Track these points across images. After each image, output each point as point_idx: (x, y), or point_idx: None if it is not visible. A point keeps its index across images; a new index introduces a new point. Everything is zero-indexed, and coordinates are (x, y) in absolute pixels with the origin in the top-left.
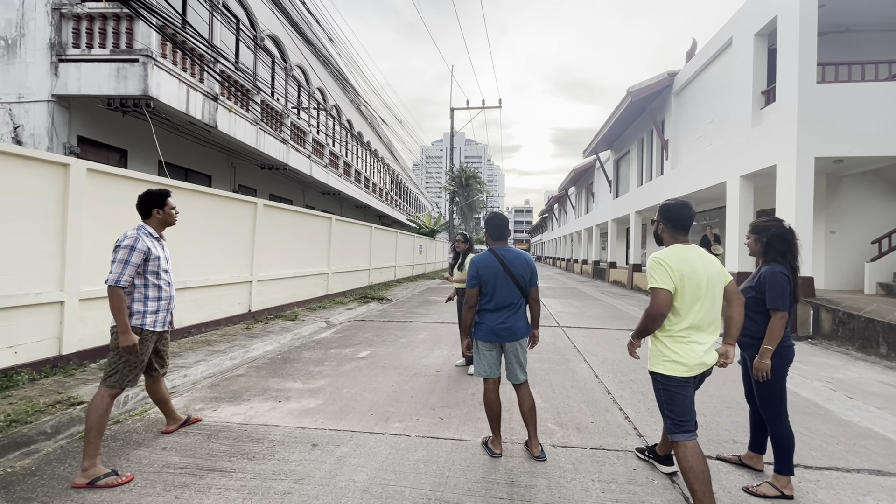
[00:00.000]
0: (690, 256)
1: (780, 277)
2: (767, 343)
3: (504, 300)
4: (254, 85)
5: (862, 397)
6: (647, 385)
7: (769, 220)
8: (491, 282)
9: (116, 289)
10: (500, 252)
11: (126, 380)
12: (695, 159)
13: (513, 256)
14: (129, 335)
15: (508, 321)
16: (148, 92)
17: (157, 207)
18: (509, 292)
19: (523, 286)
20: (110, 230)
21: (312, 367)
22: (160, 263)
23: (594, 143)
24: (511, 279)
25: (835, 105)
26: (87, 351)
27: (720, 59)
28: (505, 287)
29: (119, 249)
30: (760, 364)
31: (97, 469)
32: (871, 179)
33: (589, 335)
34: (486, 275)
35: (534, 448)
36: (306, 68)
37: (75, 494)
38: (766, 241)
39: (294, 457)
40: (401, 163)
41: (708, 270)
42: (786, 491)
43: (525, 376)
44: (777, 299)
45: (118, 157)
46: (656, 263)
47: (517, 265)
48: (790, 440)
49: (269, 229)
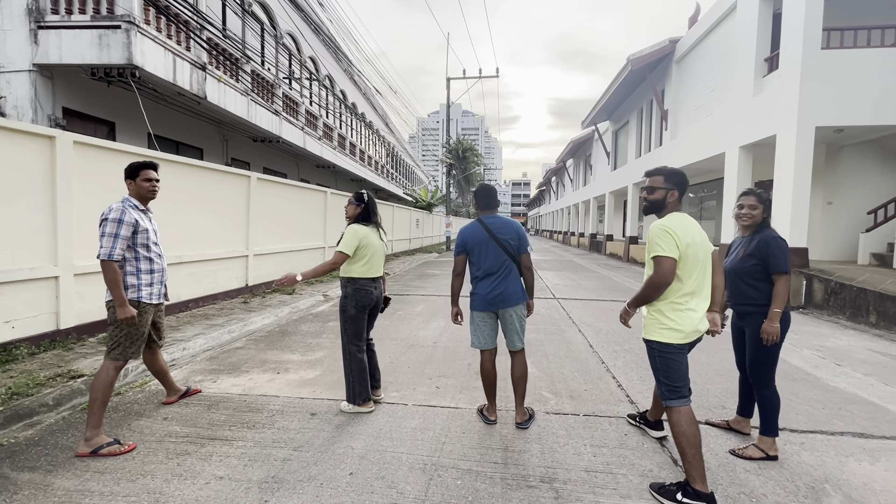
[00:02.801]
0: (691, 225)
1: (780, 242)
2: (776, 306)
3: (492, 266)
4: (243, 53)
5: (850, 364)
6: (639, 354)
7: (759, 188)
8: (476, 249)
9: (110, 262)
10: (486, 220)
11: (129, 352)
12: (694, 130)
13: (499, 223)
14: (127, 308)
15: (499, 287)
16: (132, 60)
17: (130, 179)
18: (496, 258)
19: (512, 252)
20: (101, 205)
21: (311, 340)
22: (149, 236)
23: (593, 114)
24: (498, 245)
25: (838, 72)
26: (86, 325)
27: (723, 24)
28: (492, 253)
29: (107, 223)
30: (770, 328)
31: (100, 438)
32: (870, 149)
33: (584, 306)
34: (471, 242)
35: (517, 415)
36: (297, 36)
37: (79, 463)
38: (764, 209)
39: (293, 425)
40: (396, 135)
41: (703, 238)
42: (770, 452)
43: (521, 344)
44: (784, 263)
45: (106, 129)
46: (663, 231)
47: (503, 231)
48: (776, 403)
49: (264, 203)
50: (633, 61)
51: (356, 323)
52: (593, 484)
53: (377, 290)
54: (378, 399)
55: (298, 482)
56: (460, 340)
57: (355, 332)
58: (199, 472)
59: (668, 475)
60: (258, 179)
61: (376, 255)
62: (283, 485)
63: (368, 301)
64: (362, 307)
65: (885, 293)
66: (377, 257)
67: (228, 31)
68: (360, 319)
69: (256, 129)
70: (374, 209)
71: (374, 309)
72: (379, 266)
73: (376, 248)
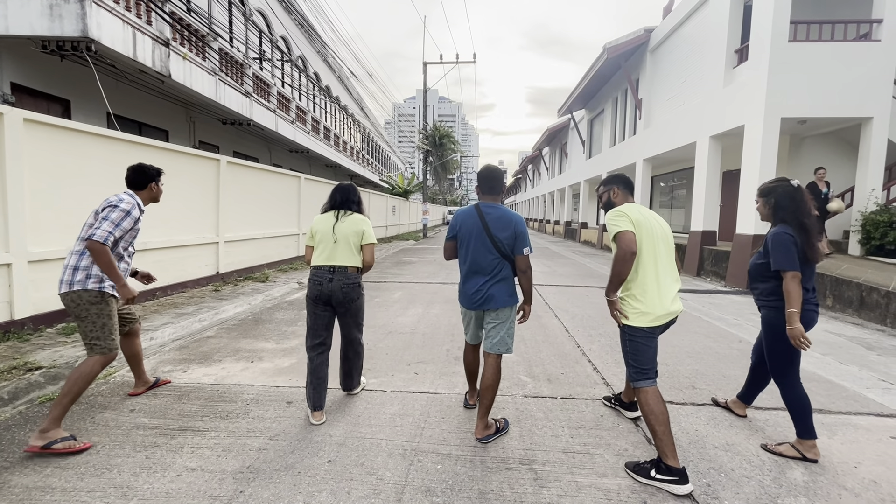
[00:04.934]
0: (642, 209)
1: (782, 237)
2: (790, 307)
3: (478, 263)
4: (210, 30)
5: None
6: (613, 338)
7: (775, 180)
8: (466, 240)
9: (105, 246)
10: (483, 208)
11: (111, 343)
12: (667, 119)
13: (497, 216)
14: (128, 287)
15: (483, 287)
16: (87, 33)
17: (154, 182)
18: (485, 255)
19: (504, 250)
20: (58, 188)
21: (285, 328)
22: (136, 237)
23: (569, 102)
24: (490, 240)
25: (804, 64)
26: (43, 315)
27: (696, 15)
28: (481, 248)
29: (115, 209)
30: (791, 331)
31: (57, 432)
32: (831, 140)
33: (560, 292)
34: (463, 230)
35: (477, 428)
36: (268, 14)
37: (39, 458)
38: (775, 203)
39: (269, 414)
40: (372, 120)
41: (658, 221)
42: (808, 454)
43: (499, 350)
44: (781, 260)
45: (60, 108)
46: (615, 213)
47: (499, 225)
48: (801, 404)
49: (235, 188)
50: (609, 49)
51: (308, 316)
52: (571, 464)
53: (331, 282)
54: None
55: (275, 471)
56: (438, 326)
57: (308, 327)
58: (169, 465)
59: (642, 453)
60: (228, 163)
61: (325, 242)
62: (259, 475)
63: (313, 293)
64: (309, 299)
65: (840, 278)
66: (326, 244)
67: (193, 5)
68: (310, 313)
69: (225, 110)
70: (332, 196)
71: (331, 303)
72: (330, 254)
73: (324, 234)
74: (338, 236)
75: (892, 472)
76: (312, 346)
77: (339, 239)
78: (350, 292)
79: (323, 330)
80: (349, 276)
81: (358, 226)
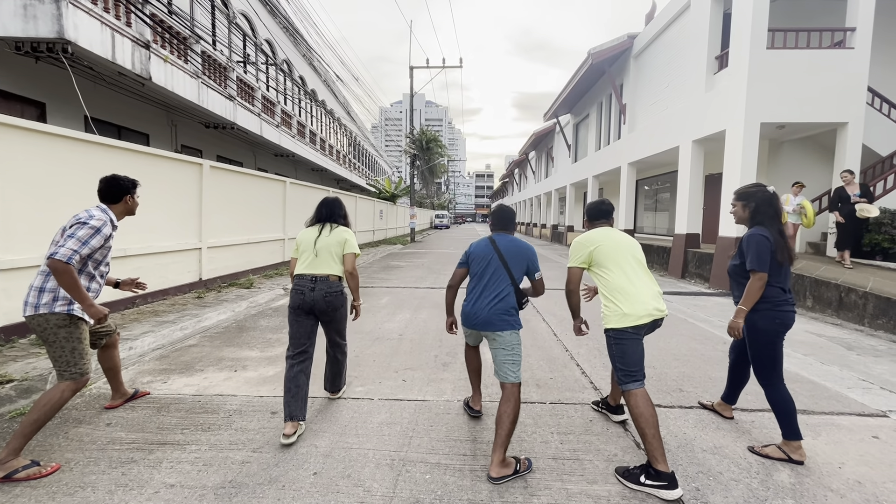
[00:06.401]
0: (604, 230)
1: (758, 239)
2: (743, 304)
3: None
4: (192, 32)
5: (790, 345)
6: (601, 342)
7: (753, 185)
8: (477, 261)
9: (68, 266)
10: (497, 238)
11: (84, 367)
12: (651, 124)
13: (509, 245)
14: (95, 308)
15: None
16: (63, 34)
17: (129, 195)
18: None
19: (513, 277)
20: (31, 194)
21: (270, 335)
22: (107, 255)
23: (555, 107)
24: (501, 264)
25: (782, 71)
26: (16, 326)
27: (678, 22)
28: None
29: (83, 227)
30: (733, 323)
31: (16, 461)
32: (808, 145)
33: (547, 296)
34: (476, 254)
35: (492, 465)
36: (251, 16)
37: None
38: (755, 207)
39: (252, 426)
40: (358, 124)
41: (625, 238)
42: (793, 455)
43: (514, 378)
44: (755, 260)
45: (35, 111)
46: (574, 244)
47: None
48: (786, 405)
49: (218, 193)
50: (593, 55)
51: (290, 326)
52: (561, 471)
53: (313, 291)
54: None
55: (258, 485)
56: (426, 332)
57: (290, 336)
58: (146, 481)
59: (631, 458)
60: (211, 168)
61: (307, 252)
62: (242, 489)
63: (295, 302)
64: (291, 308)
65: (819, 279)
66: (307, 253)
67: (175, 7)
68: (292, 322)
69: (208, 114)
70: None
71: (314, 312)
72: (311, 262)
73: (307, 245)
74: (319, 248)
75: (875, 472)
76: (294, 356)
77: (320, 250)
78: (333, 301)
79: (305, 339)
80: (331, 285)
81: (341, 236)
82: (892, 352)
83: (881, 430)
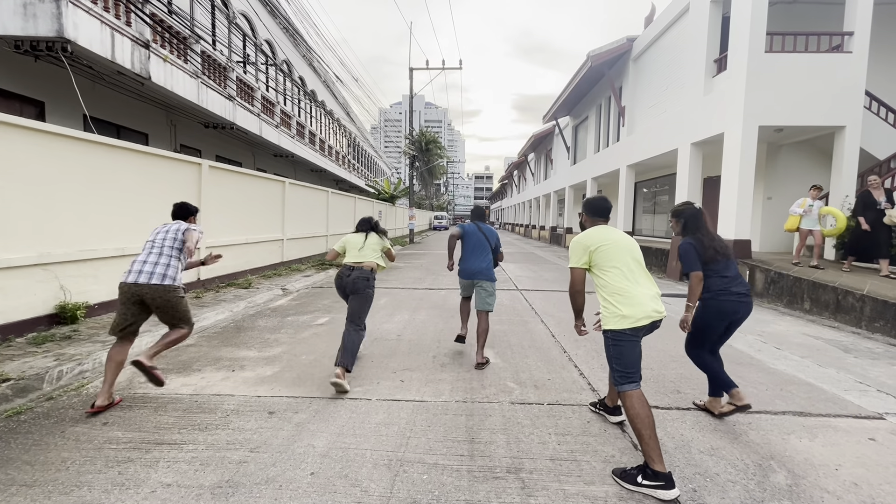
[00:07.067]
0: (604, 231)
1: (685, 247)
2: (689, 300)
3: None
4: (192, 32)
5: (788, 348)
6: (599, 343)
7: (682, 204)
8: (469, 237)
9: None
10: (480, 224)
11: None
12: (650, 126)
13: (486, 229)
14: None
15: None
16: (63, 33)
17: (193, 216)
18: (480, 245)
19: (491, 245)
20: (29, 192)
21: (268, 335)
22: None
23: (554, 109)
24: (485, 239)
25: (780, 74)
26: (12, 325)
27: (677, 25)
28: (479, 242)
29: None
30: (683, 319)
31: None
32: (806, 148)
33: (546, 297)
34: (469, 231)
35: (477, 357)
36: (251, 17)
37: (2, 475)
38: (684, 222)
39: (249, 425)
40: (358, 125)
41: (625, 238)
42: (714, 410)
43: (488, 307)
44: (686, 264)
45: (34, 110)
46: (574, 244)
47: (489, 233)
48: (709, 371)
49: (217, 193)
50: (593, 57)
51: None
52: (558, 472)
53: (349, 276)
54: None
55: (255, 485)
56: (425, 333)
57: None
58: (143, 481)
59: (629, 459)
60: (210, 167)
61: (353, 249)
62: (239, 489)
63: (337, 283)
64: (336, 287)
65: (817, 282)
66: (353, 251)
67: (175, 7)
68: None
69: (208, 114)
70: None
71: (346, 291)
72: (356, 255)
73: (354, 244)
74: (366, 245)
75: (871, 474)
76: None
77: (366, 247)
78: (360, 283)
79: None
80: (364, 272)
81: (380, 238)
82: (889, 354)
83: (878, 433)
